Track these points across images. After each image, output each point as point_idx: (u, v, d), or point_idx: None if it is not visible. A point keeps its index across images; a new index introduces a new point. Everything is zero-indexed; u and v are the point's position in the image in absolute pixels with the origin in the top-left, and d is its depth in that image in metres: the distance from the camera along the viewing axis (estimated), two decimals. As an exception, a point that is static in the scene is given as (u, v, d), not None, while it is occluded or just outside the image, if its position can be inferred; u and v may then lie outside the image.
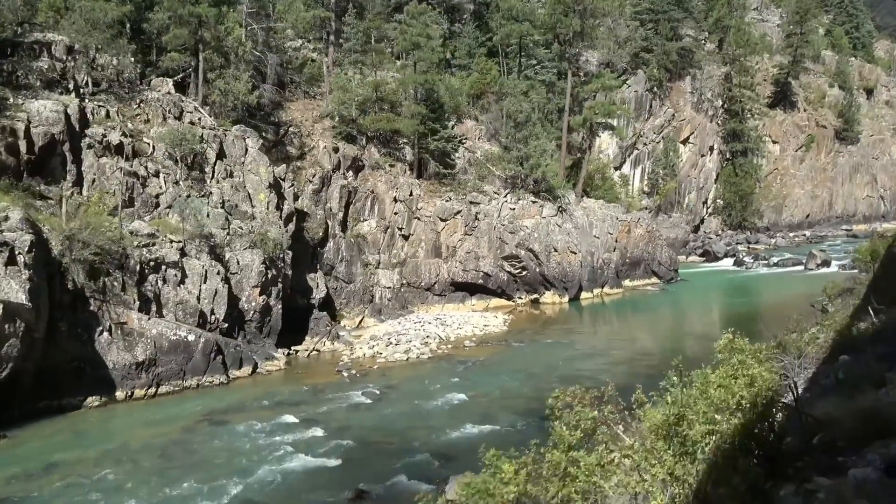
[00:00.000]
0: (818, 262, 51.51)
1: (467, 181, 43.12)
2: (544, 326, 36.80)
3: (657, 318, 39.64)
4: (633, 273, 48.29)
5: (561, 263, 41.79)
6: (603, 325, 40.14)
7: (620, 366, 27.96)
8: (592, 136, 49.47)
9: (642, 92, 70.73)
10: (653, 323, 38.69)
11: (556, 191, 43.20)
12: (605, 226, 44.92)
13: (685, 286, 47.79)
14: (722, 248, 63.30)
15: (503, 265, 41.44)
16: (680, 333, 36.66)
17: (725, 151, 78.14)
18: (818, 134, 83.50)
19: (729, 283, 48.99)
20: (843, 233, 78.13)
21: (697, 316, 40.88)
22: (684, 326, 38.84)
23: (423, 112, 40.93)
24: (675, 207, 71.90)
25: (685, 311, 41.52)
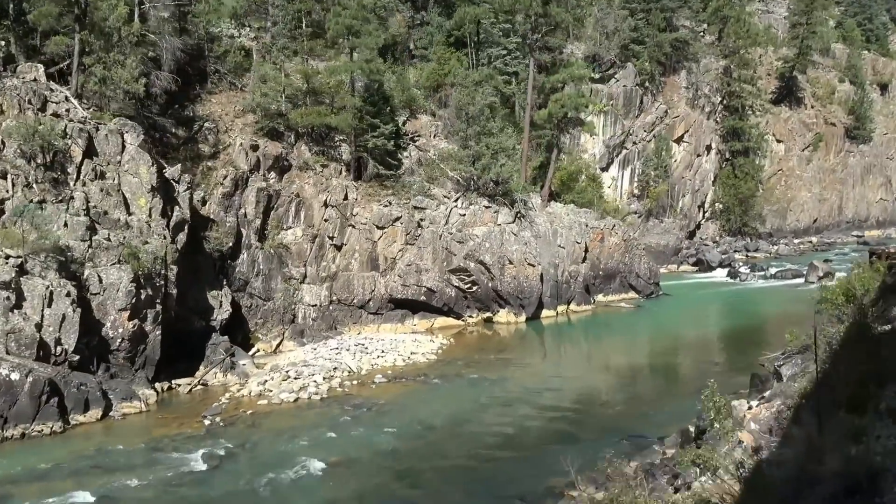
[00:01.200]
0: (820, 274, 45.64)
1: (413, 183, 37.91)
2: (484, 354, 31.23)
3: (621, 345, 33.86)
4: (608, 287, 42.76)
5: (517, 277, 36.43)
6: (553, 353, 34.41)
7: (550, 420, 22.46)
8: (560, 133, 43.93)
9: (632, 86, 65.02)
10: (614, 351, 32.81)
11: (515, 194, 37.83)
12: (573, 234, 39.46)
13: (666, 302, 42.13)
14: (716, 257, 57.44)
15: (450, 279, 36.17)
16: (641, 368, 30.72)
17: (724, 151, 72.17)
18: (827, 132, 77.24)
19: (717, 299, 43.23)
20: (853, 239, 71.81)
21: (669, 343, 34.59)
22: (651, 357, 32.80)
23: (359, 105, 35.82)
24: (668, 212, 66.14)
25: (657, 335, 35.53)
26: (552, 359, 32.94)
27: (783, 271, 49.43)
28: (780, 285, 46.56)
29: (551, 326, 37.36)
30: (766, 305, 40.30)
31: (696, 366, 29.31)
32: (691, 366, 30.22)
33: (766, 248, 63.49)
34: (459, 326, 36.33)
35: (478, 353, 31.09)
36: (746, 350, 30.10)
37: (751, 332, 33.88)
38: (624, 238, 42.71)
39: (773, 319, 35.44)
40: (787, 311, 36.06)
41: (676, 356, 32.56)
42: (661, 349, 33.62)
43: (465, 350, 31.50)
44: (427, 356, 29.64)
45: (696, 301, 42.49)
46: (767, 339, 30.37)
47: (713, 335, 35.25)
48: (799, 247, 67.55)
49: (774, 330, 32.92)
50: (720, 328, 36.26)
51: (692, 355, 32.23)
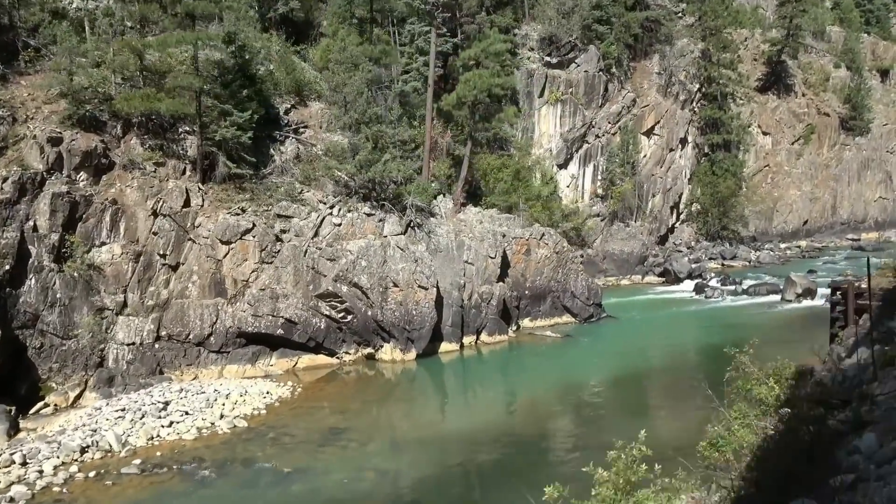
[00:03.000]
0: (798, 291, 37.60)
1: (279, 185, 30.21)
2: (331, 414, 22.96)
3: (522, 394, 25.49)
4: (536, 310, 34.88)
5: (404, 303, 28.64)
6: (426, 413, 25.34)
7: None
8: (479, 122, 35.83)
9: (594, 72, 56.94)
10: (501, 406, 24.40)
11: (408, 198, 30.00)
12: (484, 246, 31.60)
13: (604, 330, 34.15)
14: (685, 267, 49.32)
15: (319, 307, 28.43)
16: (538, 434, 22.68)
17: (703, 145, 64.03)
18: (819, 123, 68.81)
19: (669, 324, 35.08)
20: (848, 243, 63.48)
21: (578, 396, 25.73)
22: (549, 419, 24.44)
23: (202, 86, 28.13)
24: (636, 214, 58.12)
25: (571, 381, 26.46)
26: (403, 426, 23.84)
27: (758, 286, 41.32)
28: (752, 304, 38.47)
29: (450, 365, 29.50)
30: (727, 334, 32.13)
31: (604, 433, 21.51)
32: (598, 432, 22.45)
33: (745, 256, 55.23)
34: (332, 366, 28.53)
35: (324, 413, 23.04)
36: (676, 410, 22.35)
37: (688, 379, 25.99)
38: (556, 250, 34.76)
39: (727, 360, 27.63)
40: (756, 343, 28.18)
41: (579, 420, 24.48)
42: (568, 404, 25.37)
43: (308, 407, 23.41)
44: (250, 417, 21.78)
45: (642, 328, 34.45)
46: (709, 387, 22.55)
47: (641, 383, 27.21)
48: (785, 252, 59.21)
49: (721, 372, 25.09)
50: (654, 372, 28.22)
51: (606, 418, 24.36)
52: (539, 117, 55.43)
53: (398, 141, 32.38)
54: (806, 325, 30.04)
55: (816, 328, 25.13)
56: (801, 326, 31.17)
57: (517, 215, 35.37)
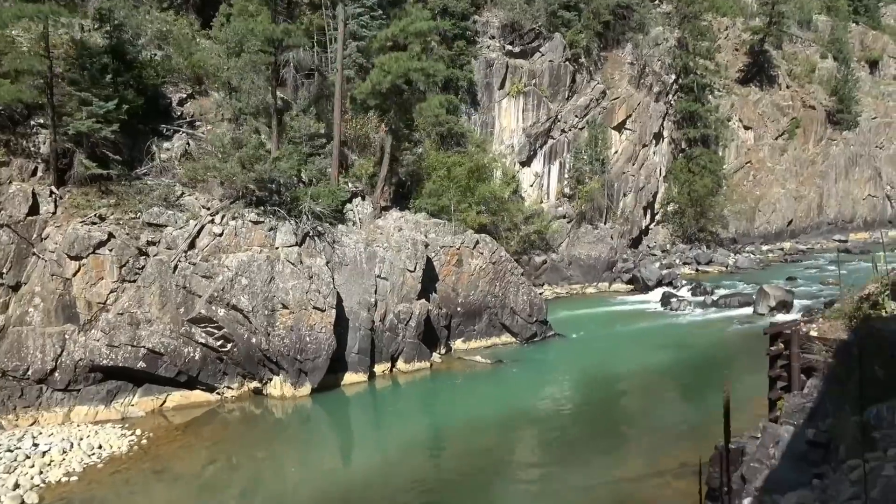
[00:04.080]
0: (771, 303, 32.63)
1: (155, 188, 25.23)
2: (157, 479, 17.52)
3: (434, 436, 20.31)
4: (470, 329, 29.88)
5: (295, 328, 23.67)
6: (308, 460, 19.53)
7: None
8: (400, 114, 30.57)
9: (560, 62, 51.96)
10: (415, 450, 18.97)
11: (305, 203, 24.92)
12: (402, 257, 26.61)
13: (546, 352, 29.11)
14: (655, 274, 44.28)
15: (193, 334, 23.48)
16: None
17: (679, 140, 59.06)
18: (805, 117, 63.86)
19: (622, 346, 29.73)
20: (835, 245, 58.52)
21: (505, 442, 20.48)
22: (458, 472, 18.88)
23: (47, 69, 23.17)
24: (607, 215, 53.14)
25: (494, 421, 20.79)
26: (310, 478, 18.21)
27: (729, 297, 36.31)
28: (721, 318, 33.45)
29: (355, 400, 24.45)
30: (683, 358, 27.10)
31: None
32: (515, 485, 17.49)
33: (721, 260, 50.18)
34: (210, 404, 23.53)
35: (170, 474, 17.94)
36: (605, 461, 17.36)
37: (625, 419, 20.97)
38: (492, 259, 29.73)
39: (674, 395, 22.69)
40: (714, 373, 23.20)
41: (494, 470, 19.57)
42: (481, 449, 20.33)
43: (146, 468, 18.29)
44: (51, 487, 16.72)
45: (589, 349, 29.34)
46: (651, 446, 17.71)
47: (567, 425, 22.10)
48: (767, 256, 54.23)
49: (667, 410, 20.05)
50: (584, 410, 23.06)
51: (520, 469, 19.39)
52: (499, 111, 50.46)
53: (304, 136, 27.33)
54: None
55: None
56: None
57: (449, 220, 30.29)
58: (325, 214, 25.29)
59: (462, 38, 48.26)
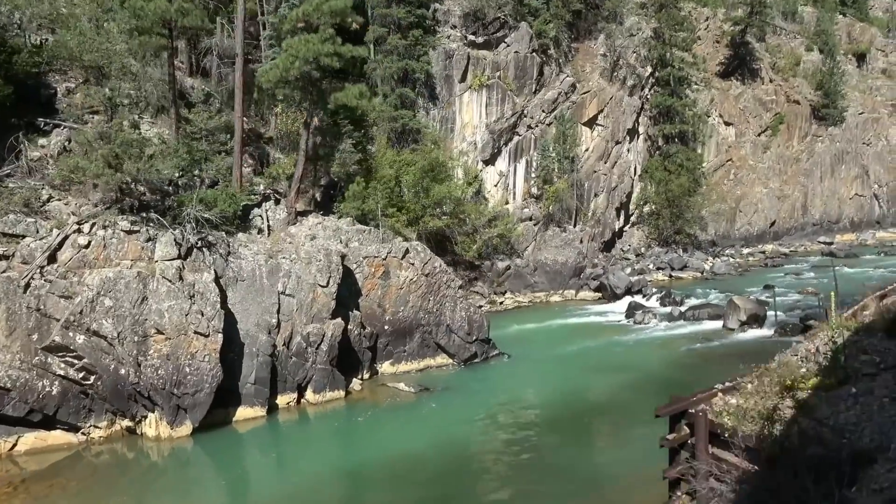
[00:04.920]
0: (742, 317, 28.93)
1: (16, 192, 21.43)
2: None
3: (334, 486, 16.94)
4: (400, 350, 26.14)
5: (173, 357, 19.91)
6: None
7: None
8: (317, 104, 26.53)
9: (526, 53, 48.26)
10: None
11: (190, 209, 21.13)
12: (312, 271, 22.84)
13: (483, 377, 25.29)
14: (623, 282, 40.57)
15: (49, 364, 19.73)
16: None
17: (656, 137, 55.43)
18: (789, 112, 60.29)
19: (571, 368, 25.27)
20: (819, 247, 55.01)
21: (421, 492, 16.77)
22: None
23: None
24: (578, 217, 49.47)
25: (411, 465, 17.05)
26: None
27: (699, 309, 32.62)
28: (687, 334, 29.73)
29: (248, 440, 20.63)
30: (635, 386, 23.24)
31: None
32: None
33: (697, 265, 46.48)
34: (73, 446, 19.83)
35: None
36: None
37: (561, 467, 17.22)
38: (425, 271, 25.98)
39: (623, 431, 18.96)
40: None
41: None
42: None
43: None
44: None
45: (536, 373, 25.53)
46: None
47: (491, 472, 18.43)
48: (747, 259, 50.59)
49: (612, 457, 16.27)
50: (510, 452, 19.39)
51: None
52: (460, 105, 46.71)
53: (203, 130, 23.55)
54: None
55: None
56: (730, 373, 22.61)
57: (373, 227, 26.43)
58: (215, 221, 21.43)
59: (419, 26, 44.53)
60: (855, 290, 31.57)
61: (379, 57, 44.01)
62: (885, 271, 40.84)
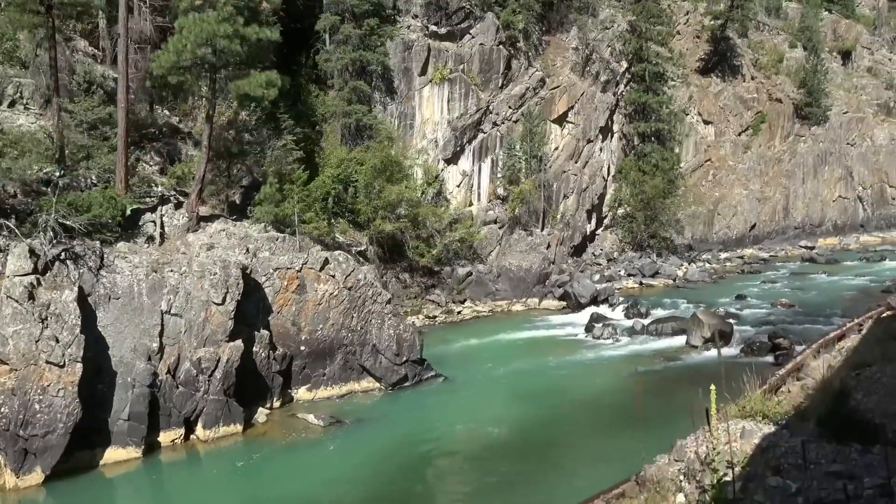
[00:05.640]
0: (706, 334, 25.84)
1: None
2: None
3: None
4: (319, 373, 22.97)
5: (19, 392, 16.46)
6: None
7: None
8: (217, 93, 23.22)
9: (492, 45, 45.09)
10: None
11: (47, 214, 17.82)
12: (205, 286, 19.65)
13: (415, 404, 22.10)
14: (588, 290, 37.46)
15: None
16: None
17: (632, 136, 52.39)
18: (770, 111, 57.32)
19: (514, 395, 21.53)
20: (801, 252, 52.07)
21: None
22: None
23: None
24: (546, 220, 46.37)
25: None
26: None
27: (663, 323, 29.51)
28: (647, 352, 26.65)
29: (115, 487, 17.37)
30: (579, 419, 20.23)
31: None
32: None
33: (669, 272, 43.42)
34: None
35: None
36: None
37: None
38: (347, 284, 22.81)
39: (558, 473, 15.85)
40: (605, 440, 16.37)
41: None
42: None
43: None
44: None
45: (471, 399, 22.32)
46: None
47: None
48: (724, 265, 47.64)
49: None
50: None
51: None
52: (420, 100, 43.55)
53: (84, 122, 20.31)
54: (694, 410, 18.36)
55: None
56: (684, 407, 19.62)
57: (289, 234, 23.19)
58: (83, 229, 18.15)
59: (375, 15, 41.35)
60: (832, 301, 28.02)
61: (331, 47, 40.96)
62: (866, 280, 37.94)
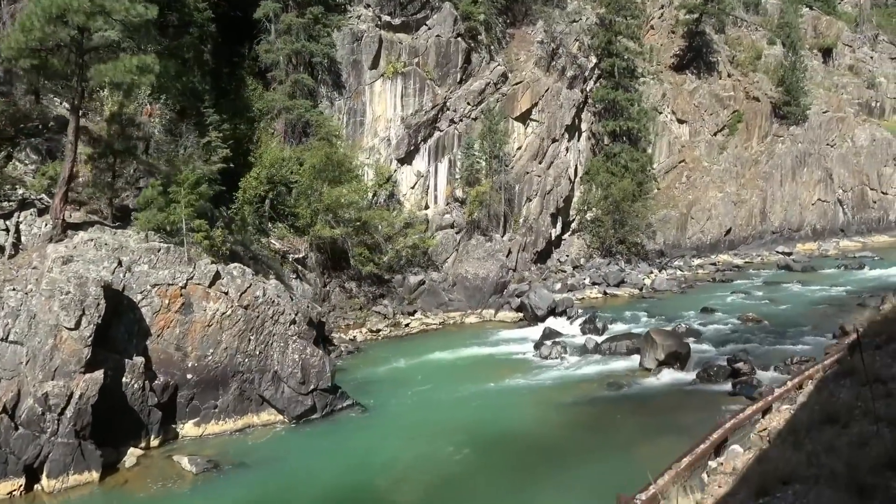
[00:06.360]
0: (660, 355, 22.89)
1: None
2: None
3: None
4: (210, 405, 19.80)
5: None
6: None
7: None
8: (84, 84, 19.86)
9: (450, 37, 42.09)
10: None
11: None
12: (55, 307, 16.48)
13: (315, 443, 18.70)
14: (545, 301, 34.41)
15: None
16: None
17: (602, 135, 49.56)
18: (747, 110, 54.70)
19: (438, 433, 18.13)
20: (777, 258, 49.40)
21: None
22: None
23: None
24: (508, 224, 43.42)
25: None
26: None
27: (618, 341, 26.48)
28: (595, 376, 23.63)
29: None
30: (518, 457, 17.32)
31: None
32: None
33: (636, 280, 40.49)
34: None
35: None
36: None
37: None
38: (244, 302, 19.70)
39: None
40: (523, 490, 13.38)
41: None
42: None
43: None
44: None
45: (387, 434, 19.06)
46: None
47: None
48: (696, 272, 44.84)
49: None
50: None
51: None
52: (371, 96, 40.48)
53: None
54: (627, 460, 15.36)
55: (635, 473, 9.78)
56: (620, 447, 16.62)
57: (179, 243, 20.07)
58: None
59: (320, 3, 38.24)
60: (803, 316, 25.25)
61: (271, 37, 37.85)
62: (842, 290, 35.24)
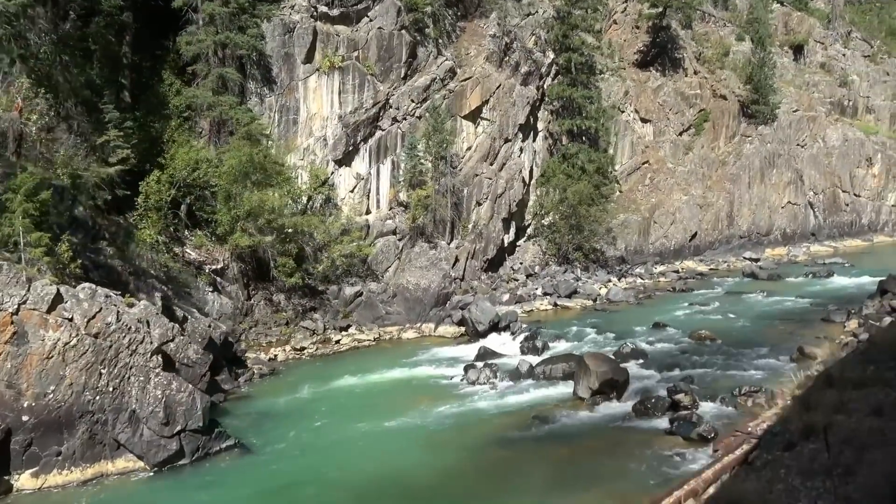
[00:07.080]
0: (593, 384, 20.16)
1: None
2: None
3: None
4: (51, 453, 16.77)
5: None
6: None
7: None
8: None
9: (393, 30, 39.24)
10: None
11: None
12: None
13: (176, 496, 16.45)
14: (488, 316, 31.61)
15: None
16: None
17: (559, 135, 47.03)
18: (714, 109, 52.44)
19: (322, 482, 15.99)
20: (744, 264, 47.13)
21: None
22: None
23: None
24: (456, 230, 40.69)
25: None
26: None
27: (553, 364, 23.65)
28: (524, 406, 20.74)
29: None
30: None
31: None
32: None
33: (590, 290, 37.81)
34: None
35: None
36: None
37: None
38: (92, 330, 16.75)
39: None
40: None
41: None
42: None
43: None
44: None
45: (264, 484, 16.28)
46: None
47: None
48: (657, 280, 42.40)
49: None
50: None
51: None
52: (305, 92, 37.52)
53: None
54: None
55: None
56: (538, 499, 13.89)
57: (17, 260, 17.03)
58: None
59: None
60: (762, 333, 22.71)
61: (194, 28, 34.85)
62: (808, 302, 32.84)
